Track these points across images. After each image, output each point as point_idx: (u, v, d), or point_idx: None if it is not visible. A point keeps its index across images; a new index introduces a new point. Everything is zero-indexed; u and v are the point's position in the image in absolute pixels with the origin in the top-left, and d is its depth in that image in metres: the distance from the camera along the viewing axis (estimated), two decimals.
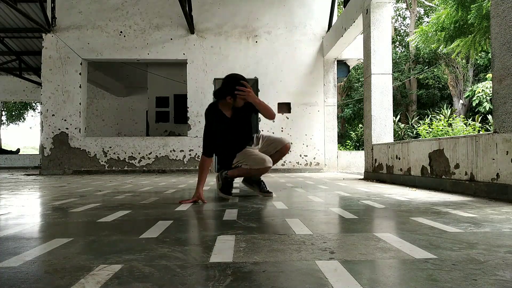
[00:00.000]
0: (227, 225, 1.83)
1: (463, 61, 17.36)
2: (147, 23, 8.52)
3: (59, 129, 8.33)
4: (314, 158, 8.60)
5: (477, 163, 3.17)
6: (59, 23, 8.44)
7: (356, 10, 6.22)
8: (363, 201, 2.78)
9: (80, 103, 8.38)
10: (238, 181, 3.53)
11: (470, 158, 3.27)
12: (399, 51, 22.37)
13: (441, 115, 12.72)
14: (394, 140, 5.78)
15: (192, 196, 2.77)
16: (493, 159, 2.95)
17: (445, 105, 16.29)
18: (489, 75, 12.91)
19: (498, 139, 2.91)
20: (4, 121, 24.35)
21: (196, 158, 8.42)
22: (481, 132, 5.86)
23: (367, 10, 5.61)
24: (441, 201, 2.76)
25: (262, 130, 8.47)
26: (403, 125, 15.66)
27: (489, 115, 12.46)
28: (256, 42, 8.62)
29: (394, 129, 13.53)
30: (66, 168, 8.28)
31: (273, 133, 8.34)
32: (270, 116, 2.82)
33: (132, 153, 8.38)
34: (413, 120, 17.09)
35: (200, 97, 8.47)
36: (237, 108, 2.84)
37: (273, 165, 2.94)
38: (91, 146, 8.35)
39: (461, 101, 18.17)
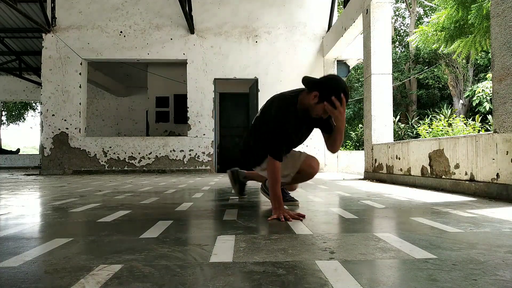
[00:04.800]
0: (227, 225, 1.83)
1: (463, 61, 17.37)
2: (147, 23, 8.52)
3: (59, 129, 8.33)
4: None
5: (477, 163, 3.17)
6: (59, 23, 8.44)
7: (356, 10, 6.22)
8: (363, 201, 2.78)
9: (80, 103, 8.38)
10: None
11: (470, 158, 3.27)
12: (399, 51, 22.37)
13: (441, 115, 12.72)
14: (394, 140, 5.78)
15: (275, 213, 2.01)
16: (493, 159, 2.95)
17: (445, 105, 16.29)
18: (489, 75, 12.91)
19: (498, 139, 2.91)
20: (4, 121, 24.35)
21: (196, 158, 8.42)
22: (481, 132, 5.86)
23: (367, 10, 5.61)
24: (441, 201, 2.76)
25: None
26: (403, 125, 15.66)
27: (489, 115, 12.45)
28: (256, 42, 8.62)
29: (394, 129, 13.54)
30: (66, 168, 8.28)
31: None
32: (334, 148, 2.25)
33: (132, 153, 8.38)
34: (413, 120, 17.09)
35: (200, 97, 8.48)
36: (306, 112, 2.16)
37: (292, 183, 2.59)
38: (91, 146, 8.35)
39: (461, 101, 18.17)
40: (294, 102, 2.13)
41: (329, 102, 2.01)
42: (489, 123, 12.00)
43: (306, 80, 2.11)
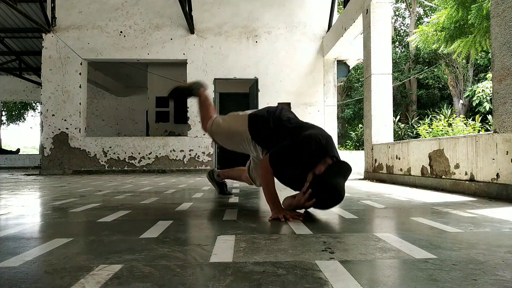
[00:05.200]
0: (227, 225, 1.83)
1: (463, 61, 17.37)
2: (147, 23, 8.52)
3: (59, 129, 8.33)
4: None
5: (477, 163, 3.17)
6: (59, 23, 8.44)
7: (356, 10, 6.22)
8: (363, 201, 2.78)
9: (80, 103, 8.39)
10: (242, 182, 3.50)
11: (470, 158, 3.27)
12: (399, 51, 22.38)
13: (441, 115, 12.73)
14: (394, 140, 5.78)
15: (274, 214, 1.97)
16: (493, 159, 2.95)
17: (445, 105, 16.29)
18: (489, 75, 12.91)
19: (498, 139, 2.91)
20: (4, 121, 24.35)
21: (196, 158, 8.42)
22: (481, 132, 5.86)
23: (367, 10, 5.61)
24: (441, 201, 2.76)
25: None
26: (403, 125, 15.67)
27: (489, 115, 12.46)
28: (256, 42, 8.62)
29: (394, 129, 13.55)
30: (66, 168, 8.28)
31: None
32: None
33: (132, 153, 8.38)
34: (413, 120, 17.11)
35: None
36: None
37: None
38: (91, 146, 8.35)
39: (461, 101, 18.17)
40: (323, 154, 1.95)
41: (308, 187, 1.91)
42: (489, 123, 12.00)
43: (344, 163, 1.99)
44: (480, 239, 1.48)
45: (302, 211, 2.14)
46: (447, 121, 11.00)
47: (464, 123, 10.98)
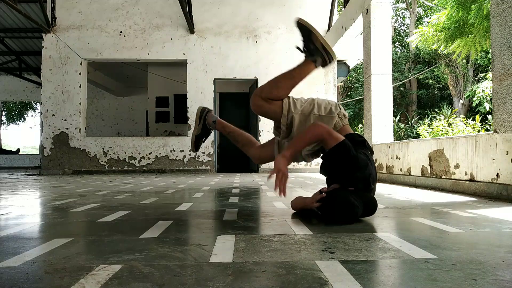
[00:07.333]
0: (227, 225, 1.83)
1: (463, 61, 17.36)
2: (147, 23, 8.52)
3: (59, 129, 8.33)
4: None
5: (477, 163, 3.17)
6: (59, 23, 8.44)
7: (356, 10, 6.22)
8: None
9: (80, 103, 8.39)
10: (242, 182, 3.51)
11: (470, 158, 3.27)
12: (399, 51, 22.36)
13: (441, 115, 12.73)
14: (394, 140, 5.78)
15: (277, 165, 1.89)
16: (493, 159, 2.95)
17: (445, 105, 16.28)
18: (489, 75, 12.91)
19: (498, 139, 2.91)
20: (4, 121, 24.35)
21: (196, 158, 8.42)
22: (481, 132, 5.86)
23: (367, 10, 5.61)
24: (441, 201, 2.76)
25: (262, 130, 8.47)
26: (403, 125, 15.66)
27: (489, 115, 12.45)
28: (256, 42, 8.62)
29: (394, 129, 13.52)
30: (66, 168, 8.28)
31: None
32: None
33: (132, 153, 8.38)
34: (413, 120, 17.10)
35: (200, 97, 8.48)
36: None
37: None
38: (91, 146, 8.36)
39: (461, 101, 18.16)
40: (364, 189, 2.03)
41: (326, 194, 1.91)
42: (489, 123, 11.99)
43: (373, 199, 2.04)
44: (480, 239, 1.48)
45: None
46: (447, 121, 10.99)
47: (464, 123, 10.97)
